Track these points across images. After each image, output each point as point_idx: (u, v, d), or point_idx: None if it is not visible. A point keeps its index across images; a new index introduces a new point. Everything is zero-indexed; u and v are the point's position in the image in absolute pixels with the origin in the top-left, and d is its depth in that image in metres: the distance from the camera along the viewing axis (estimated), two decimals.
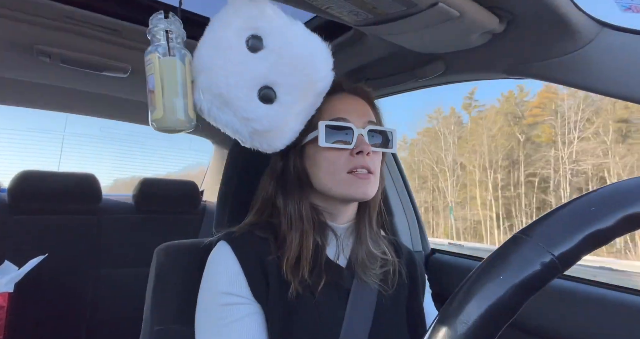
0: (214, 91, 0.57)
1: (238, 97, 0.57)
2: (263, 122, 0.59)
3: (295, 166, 0.73)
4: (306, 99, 0.62)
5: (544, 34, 0.72)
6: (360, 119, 0.72)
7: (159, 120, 0.55)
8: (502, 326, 0.28)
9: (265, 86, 0.59)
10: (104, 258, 1.70)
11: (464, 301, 0.29)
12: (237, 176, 0.88)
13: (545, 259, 0.29)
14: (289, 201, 0.72)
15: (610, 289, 0.87)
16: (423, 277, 0.81)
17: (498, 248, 0.31)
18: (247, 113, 0.58)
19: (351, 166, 0.69)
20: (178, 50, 0.56)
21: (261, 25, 0.58)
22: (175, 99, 0.55)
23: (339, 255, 0.72)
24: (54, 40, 1.07)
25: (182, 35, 0.58)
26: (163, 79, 0.55)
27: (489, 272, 0.29)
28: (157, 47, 0.56)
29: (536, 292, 0.29)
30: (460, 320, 0.28)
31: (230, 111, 0.59)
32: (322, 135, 0.68)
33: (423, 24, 0.72)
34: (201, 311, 0.65)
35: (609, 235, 0.30)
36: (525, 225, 0.32)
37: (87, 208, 1.71)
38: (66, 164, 2.87)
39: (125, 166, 4.00)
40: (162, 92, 0.55)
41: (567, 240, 0.29)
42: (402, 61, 1.00)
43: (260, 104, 0.59)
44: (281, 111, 0.60)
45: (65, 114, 1.91)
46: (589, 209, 0.30)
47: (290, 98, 0.60)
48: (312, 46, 0.61)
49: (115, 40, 1.05)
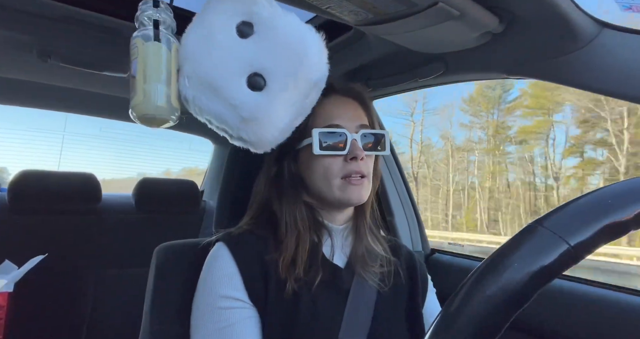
0: (200, 76, 0.55)
1: (225, 82, 0.55)
2: (251, 109, 0.56)
3: (290, 171, 0.74)
4: (297, 88, 0.60)
5: (544, 34, 0.72)
6: (353, 123, 0.72)
7: (138, 106, 0.52)
8: (511, 316, 0.28)
9: (255, 72, 0.57)
10: (104, 258, 1.70)
11: (474, 289, 0.29)
12: (237, 176, 0.88)
13: (562, 248, 0.29)
14: (284, 204, 0.72)
15: (610, 289, 0.87)
16: (425, 277, 0.81)
17: (511, 237, 0.31)
18: (234, 99, 0.56)
19: (345, 172, 0.70)
20: (164, 36, 0.54)
21: (253, 11, 0.57)
22: (157, 85, 0.53)
23: (338, 255, 0.73)
24: (54, 40, 1.07)
25: (171, 24, 0.57)
26: (146, 64, 0.53)
27: (502, 260, 0.29)
28: (143, 31, 0.54)
29: (550, 281, 0.29)
30: (470, 308, 0.28)
31: (217, 98, 0.56)
32: (316, 143, 0.68)
33: (423, 23, 0.72)
34: (196, 313, 0.66)
35: (625, 227, 0.30)
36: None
37: (87, 208, 1.70)
38: (66, 163, 2.87)
39: (126, 166, 4.01)
40: (144, 77, 0.52)
41: (584, 230, 0.29)
42: (402, 61, 1.00)
43: (249, 91, 0.56)
44: (270, 99, 0.57)
45: (66, 114, 1.89)
46: (607, 201, 0.30)
47: (280, 85, 0.57)
48: (304, 34, 0.59)
49: (115, 40, 1.05)
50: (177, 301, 0.75)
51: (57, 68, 1.20)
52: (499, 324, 0.28)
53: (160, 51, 0.54)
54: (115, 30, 1.01)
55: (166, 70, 0.54)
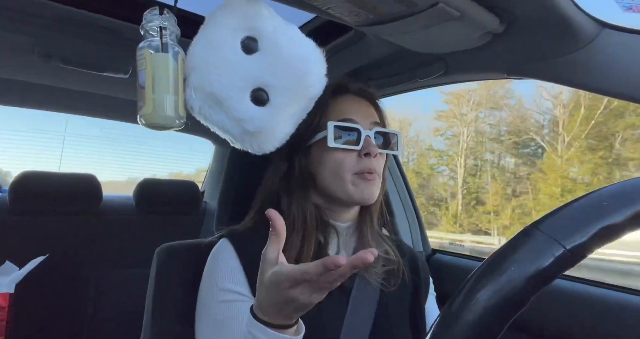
0: (206, 90, 0.57)
1: (230, 97, 0.57)
2: (255, 123, 0.58)
3: (301, 167, 0.73)
4: (298, 103, 0.62)
5: (544, 34, 0.71)
6: (366, 120, 0.73)
7: (148, 116, 0.54)
8: (509, 319, 0.28)
9: (258, 87, 0.58)
10: (105, 259, 1.70)
11: (472, 292, 0.29)
12: (238, 177, 0.88)
13: (557, 251, 0.29)
14: (293, 201, 0.72)
15: (611, 289, 0.87)
16: (427, 279, 0.81)
17: (508, 241, 0.31)
18: (238, 113, 0.58)
19: (358, 168, 0.69)
20: (171, 47, 0.56)
21: (256, 26, 0.58)
22: (165, 95, 0.55)
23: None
24: (55, 41, 1.07)
25: (176, 32, 0.58)
26: (154, 75, 0.54)
27: (499, 264, 0.30)
28: (149, 42, 0.55)
29: (546, 284, 0.29)
30: (468, 311, 0.28)
31: (222, 111, 0.58)
32: (330, 135, 0.68)
33: (423, 24, 0.72)
34: (200, 306, 0.67)
35: (622, 230, 0.30)
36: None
37: (88, 209, 1.71)
38: (67, 164, 2.88)
39: (126, 167, 4.01)
40: (152, 88, 0.54)
41: (580, 233, 0.29)
42: (402, 61, 1.00)
43: (252, 105, 0.58)
44: (273, 113, 0.59)
45: (66, 115, 1.90)
46: (602, 204, 0.31)
47: (283, 101, 0.59)
48: (306, 50, 0.61)
49: (115, 41, 1.05)
50: (178, 301, 0.75)
51: (58, 69, 1.20)
52: (496, 328, 0.28)
53: (168, 62, 0.55)
54: (116, 32, 1.02)
55: (173, 80, 0.56)
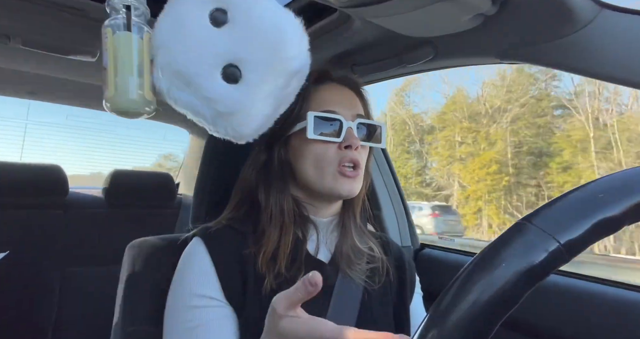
0: (173, 68, 0.52)
1: (199, 74, 0.53)
2: (226, 103, 0.54)
3: (280, 158, 0.72)
4: (276, 79, 0.57)
5: (539, 15, 0.69)
6: (349, 111, 0.71)
7: (110, 100, 0.51)
8: (501, 317, 0.27)
9: (230, 63, 0.54)
10: (72, 256, 1.64)
11: (462, 290, 0.28)
12: (214, 168, 0.85)
13: (551, 246, 0.28)
14: (271, 194, 0.70)
15: (610, 285, 0.87)
16: (413, 277, 0.80)
17: (499, 236, 0.30)
18: (208, 93, 0.53)
19: (339, 160, 0.68)
20: (137, 25, 0.52)
21: None
22: (129, 77, 0.51)
23: (322, 250, 0.71)
24: (15, 21, 1.00)
25: (145, 12, 0.54)
26: (117, 56, 0.50)
27: (489, 259, 0.28)
28: (114, 20, 0.51)
29: (539, 281, 0.28)
30: (458, 309, 0.27)
31: (191, 91, 0.54)
32: (310, 126, 0.67)
33: (412, 5, 0.70)
34: (169, 311, 0.64)
35: (618, 223, 0.29)
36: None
37: (53, 202, 1.65)
38: (29, 154, 2.78)
39: (94, 157, 3.89)
40: (115, 69, 0.50)
41: (574, 227, 0.28)
42: (389, 46, 0.97)
43: (224, 83, 0.54)
44: (247, 92, 0.55)
45: (28, 101, 1.82)
46: (597, 196, 0.29)
47: (257, 77, 0.55)
48: (282, 21, 0.56)
49: (81, 21, 0.99)
50: (151, 301, 0.72)
51: (18, 51, 1.14)
52: (488, 326, 0.27)
53: (131, 41, 0.51)
54: (81, 12, 0.95)
55: (138, 61, 0.51)
